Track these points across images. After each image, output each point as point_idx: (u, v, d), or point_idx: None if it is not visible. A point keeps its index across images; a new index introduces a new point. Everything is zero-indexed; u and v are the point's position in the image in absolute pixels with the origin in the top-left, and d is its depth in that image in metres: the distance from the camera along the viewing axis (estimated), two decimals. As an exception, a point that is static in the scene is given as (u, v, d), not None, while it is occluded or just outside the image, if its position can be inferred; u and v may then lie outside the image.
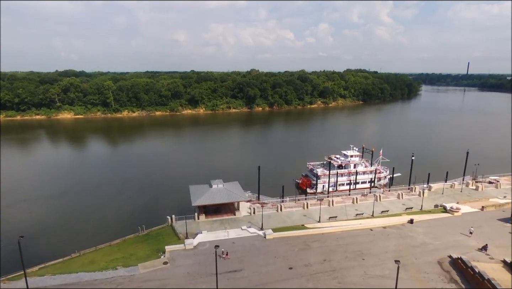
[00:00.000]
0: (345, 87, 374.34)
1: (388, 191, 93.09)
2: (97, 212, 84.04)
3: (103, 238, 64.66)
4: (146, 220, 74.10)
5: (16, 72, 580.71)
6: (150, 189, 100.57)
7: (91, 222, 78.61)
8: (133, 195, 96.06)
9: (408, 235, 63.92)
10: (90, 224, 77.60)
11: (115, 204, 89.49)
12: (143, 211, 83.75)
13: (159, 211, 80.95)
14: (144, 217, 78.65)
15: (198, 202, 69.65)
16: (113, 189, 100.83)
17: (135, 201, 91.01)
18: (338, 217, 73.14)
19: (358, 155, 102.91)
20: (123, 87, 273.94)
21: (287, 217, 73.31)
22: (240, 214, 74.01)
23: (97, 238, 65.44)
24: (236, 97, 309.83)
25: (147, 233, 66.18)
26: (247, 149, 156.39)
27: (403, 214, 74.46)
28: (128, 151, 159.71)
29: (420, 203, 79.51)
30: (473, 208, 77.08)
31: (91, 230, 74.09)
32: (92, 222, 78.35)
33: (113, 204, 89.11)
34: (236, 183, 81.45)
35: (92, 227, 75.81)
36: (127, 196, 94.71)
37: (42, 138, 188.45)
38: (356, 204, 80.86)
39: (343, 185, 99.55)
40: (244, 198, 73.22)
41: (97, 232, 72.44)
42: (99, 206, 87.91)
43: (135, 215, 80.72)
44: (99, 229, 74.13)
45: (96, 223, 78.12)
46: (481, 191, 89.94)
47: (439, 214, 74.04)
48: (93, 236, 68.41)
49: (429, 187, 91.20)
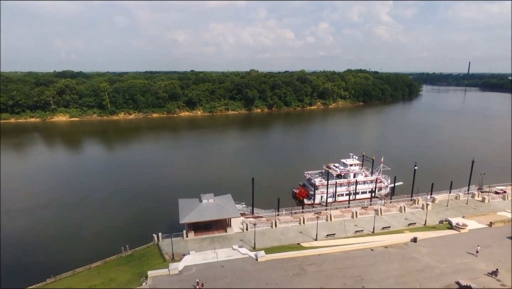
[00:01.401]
0: (345, 88, 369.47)
1: (389, 203, 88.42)
2: (80, 228, 79.04)
3: (84, 259, 60.35)
4: (131, 237, 69.74)
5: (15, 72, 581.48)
6: (139, 200, 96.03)
7: (72, 239, 73.74)
8: (120, 207, 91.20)
9: (412, 256, 59.26)
10: (70, 241, 72.66)
11: (99, 218, 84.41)
12: (129, 227, 78.97)
13: (146, 227, 76.33)
14: (129, 233, 74.12)
15: (186, 219, 65.07)
16: (100, 200, 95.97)
17: (121, 215, 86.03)
18: (337, 234, 68.55)
19: (358, 164, 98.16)
20: (119, 89, 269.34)
21: (282, 234, 68.70)
22: (232, 231, 69.41)
23: (77, 259, 61.12)
24: (235, 98, 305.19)
25: (131, 254, 61.59)
26: (243, 154, 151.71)
27: (405, 231, 69.84)
28: (121, 157, 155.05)
29: (424, 217, 74.89)
30: (481, 223, 72.40)
31: (70, 249, 69.28)
32: (73, 240, 73.47)
33: (98, 219, 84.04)
34: (228, 196, 76.93)
35: (73, 245, 71.05)
36: (113, 209, 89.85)
37: (34, 143, 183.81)
38: (355, 218, 76.22)
39: (342, 196, 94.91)
40: (236, 215, 68.58)
41: (77, 251, 67.85)
42: (82, 220, 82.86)
43: (119, 232, 75.96)
44: (79, 248, 69.54)
45: (77, 240, 73.16)
46: (488, 203, 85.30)
47: (445, 230, 69.35)
48: (72, 257, 63.93)
49: (433, 199, 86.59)
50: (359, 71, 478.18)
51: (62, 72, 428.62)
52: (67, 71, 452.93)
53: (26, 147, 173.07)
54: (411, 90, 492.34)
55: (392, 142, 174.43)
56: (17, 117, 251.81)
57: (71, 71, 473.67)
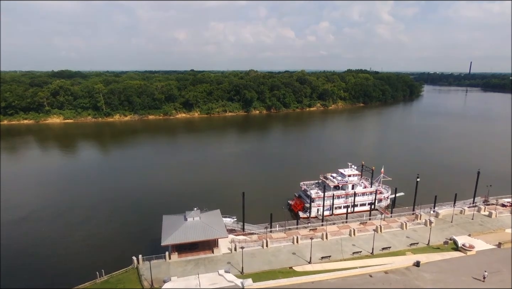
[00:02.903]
0: (345, 89, 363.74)
1: (390, 217, 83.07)
2: (54, 247, 72.84)
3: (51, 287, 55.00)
4: (109, 259, 64.84)
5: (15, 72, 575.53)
6: (123, 212, 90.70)
7: (44, 261, 67.42)
8: (102, 221, 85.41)
9: (414, 283, 54.00)
10: (42, 265, 66.42)
11: (77, 235, 78.35)
12: (109, 246, 73.21)
13: (127, 245, 71.36)
14: (107, 254, 68.59)
15: (168, 240, 59.81)
16: (81, 213, 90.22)
17: (101, 231, 79.97)
18: (333, 255, 63.19)
19: (356, 174, 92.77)
20: (114, 90, 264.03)
21: (273, 256, 63.36)
22: (220, 252, 64.11)
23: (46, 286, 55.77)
24: (233, 100, 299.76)
25: (107, 279, 56.32)
26: (238, 161, 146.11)
27: (407, 252, 64.47)
28: (112, 163, 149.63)
29: (427, 235, 69.51)
30: (488, 243, 67.04)
31: (40, 274, 63.39)
32: (45, 262, 67.19)
33: (75, 235, 77.99)
34: (217, 212, 71.80)
35: (42, 268, 64.99)
36: (94, 224, 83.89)
37: (23, 148, 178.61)
38: (353, 236, 70.84)
39: (340, 208, 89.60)
40: (224, 235, 63.23)
41: (48, 277, 62.02)
42: (58, 238, 76.75)
43: (97, 253, 70.01)
44: (50, 272, 63.62)
45: (50, 263, 66.85)
46: (495, 218, 79.93)
47: (450, 252, 63.99)
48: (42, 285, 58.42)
49: (436, 214, 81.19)
50: (360, 71, 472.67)
51: (59, 72, 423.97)
52: (65, 71, 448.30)
53: (15, 152, 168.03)
54: (412, 90, 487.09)
55: (393, 149, 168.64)
56: (10, 119, 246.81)
57: (69, 70, 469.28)
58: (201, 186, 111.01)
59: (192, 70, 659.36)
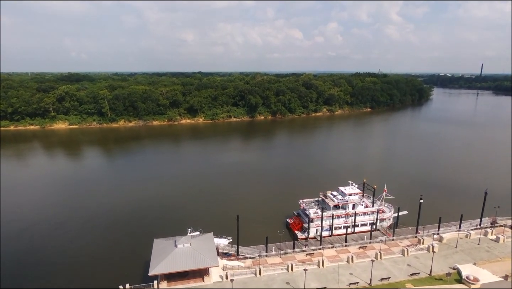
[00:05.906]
0: (352, 93, 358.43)
1: (391, 240, 79.73)
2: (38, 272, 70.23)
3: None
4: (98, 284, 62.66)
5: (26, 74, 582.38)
6: (116, 230, 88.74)
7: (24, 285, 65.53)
8: (92, 241, 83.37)
9: (413, 323, 50.85)
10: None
11: (64, 257, 76.03)
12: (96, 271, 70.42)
13: (116, 269, 69.31)
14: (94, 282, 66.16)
15: (156, 270, 57.76)
16: (72, 230, 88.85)
17: (90, 253, 77.43)
18: (328, 286, 60.36)
19: (357, 193, 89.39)
20: (119, 96, 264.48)
21: (266, 286, 60.80)
22: (210, 280, 61.83)
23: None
24: (238, 105, 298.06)
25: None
26: (238, 172, 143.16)
27: (407, 283, 61.27)
28: (112, 173, 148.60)
29: (429, 263, 66.17)
30: (495, 274, 63.33)
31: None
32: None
33: (62, 258, 75.57)
34: (209, 235, 69.65)
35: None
36: (84, 243, 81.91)
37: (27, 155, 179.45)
38: (351, 264, 67.88)
39: (340, 228, 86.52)
40: (214, 263, 60.86)
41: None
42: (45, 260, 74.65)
43: (82, 281, 67.17)
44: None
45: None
46: (503, 244, 76.05)
47: (452, 285, 60.59)
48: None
49: (440, 238, 77.65)
50: (368, 74, 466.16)
51: (68, 75, 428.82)
52: (74, 74, 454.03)
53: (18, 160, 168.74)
54: (421, 94, 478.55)
55: (397, 162, 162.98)
56: (16, 124, 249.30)
57: (77, 73, 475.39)
58: (199, 199, 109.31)
59: (200, 72, 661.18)
